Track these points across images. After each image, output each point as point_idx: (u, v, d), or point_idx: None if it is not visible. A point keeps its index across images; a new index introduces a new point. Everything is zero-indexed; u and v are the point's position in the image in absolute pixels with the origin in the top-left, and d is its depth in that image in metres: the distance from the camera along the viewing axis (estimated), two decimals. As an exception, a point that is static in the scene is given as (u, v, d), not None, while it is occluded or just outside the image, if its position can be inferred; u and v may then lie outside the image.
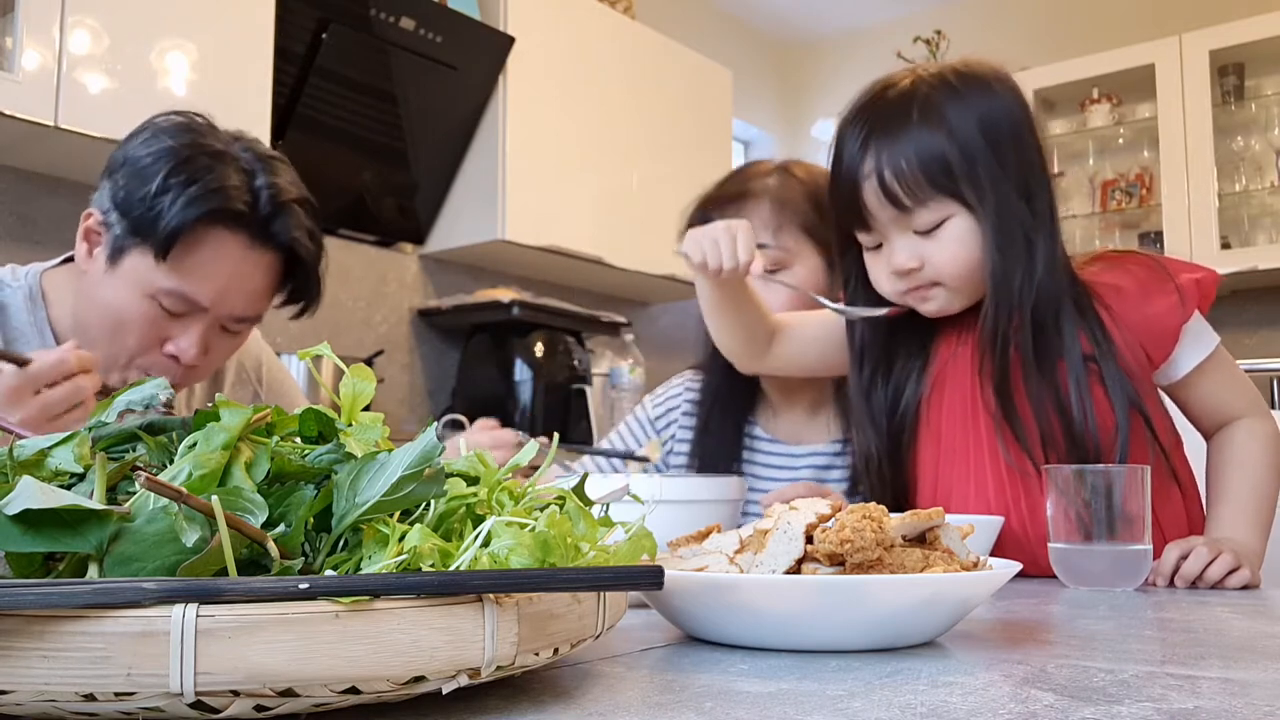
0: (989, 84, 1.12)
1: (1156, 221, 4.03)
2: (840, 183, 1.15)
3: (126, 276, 1.23)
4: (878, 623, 0.59)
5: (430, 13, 3.16)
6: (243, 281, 1.26)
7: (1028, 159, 1.11)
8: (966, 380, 1.16)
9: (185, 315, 1.25)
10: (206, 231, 1.21)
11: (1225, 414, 1.17)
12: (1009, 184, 1.09)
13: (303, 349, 0.58)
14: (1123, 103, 4.15)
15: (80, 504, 0.41)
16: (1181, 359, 1.15)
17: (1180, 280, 1.12)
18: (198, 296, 1.23)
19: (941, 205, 1.09)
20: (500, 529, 0.45)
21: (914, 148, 1.08)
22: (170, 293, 1.22)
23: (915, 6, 4.84)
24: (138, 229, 1.21)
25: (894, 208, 1.10)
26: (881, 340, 1.22)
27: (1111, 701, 0.46)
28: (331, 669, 0.38)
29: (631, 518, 0.55)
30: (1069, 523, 0.99)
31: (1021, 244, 1.10)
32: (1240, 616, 0.78)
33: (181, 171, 1.19)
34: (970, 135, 1.08)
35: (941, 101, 1.09)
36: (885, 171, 1.09)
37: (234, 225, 1.23)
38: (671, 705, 0.46)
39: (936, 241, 1.11)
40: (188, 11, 2.62)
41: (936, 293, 1.14)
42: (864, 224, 1.14)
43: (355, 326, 3.40)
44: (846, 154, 1.13)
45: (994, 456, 1.15)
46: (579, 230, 3.57)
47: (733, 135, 4.51)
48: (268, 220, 1.25)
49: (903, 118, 1.10)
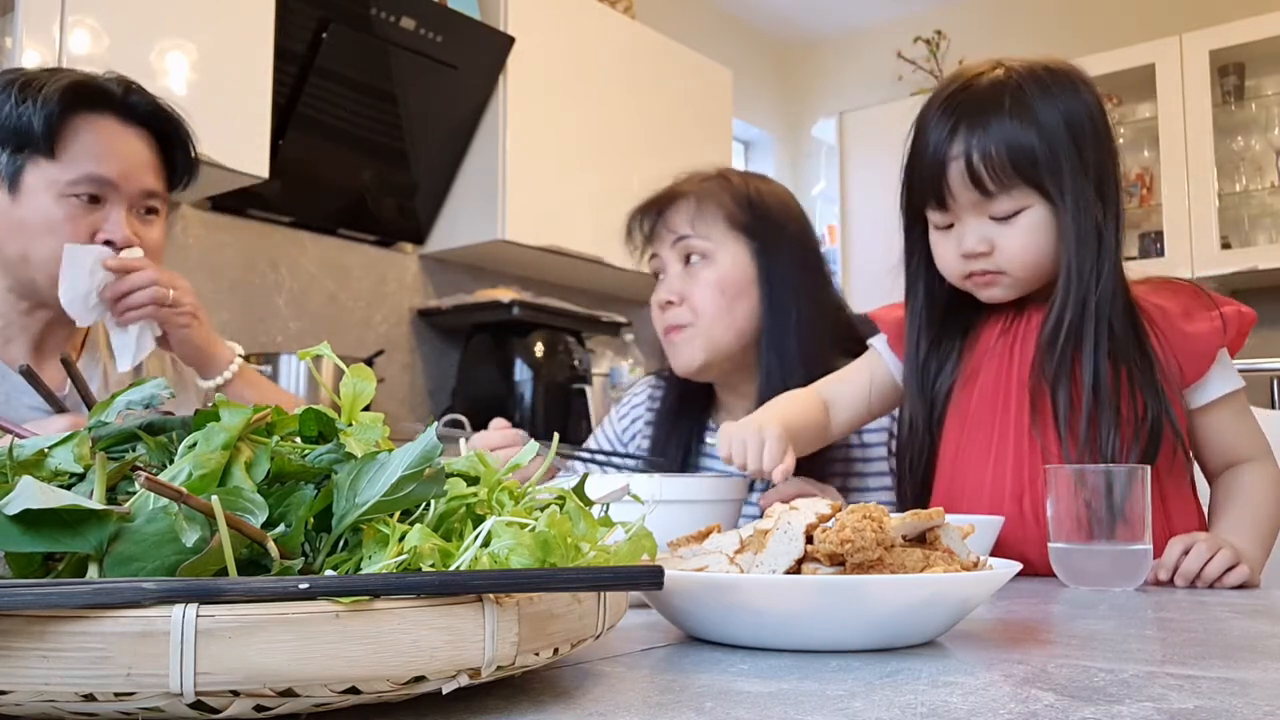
0: (1075, 84, 1.16)
1: (1156, 221, 4.03)
2: (924, 161, 1.18)
3: (34, 191, 1.30)
4: (878, 623, 0.59)
5: (430, 13, 3.16)
6: (132, 153, 1.35)
7: (1104, 160, 1.15)
8: (1004, 369, 1.19)
9: (102, 201, 1.33)
10: (78, 118, 1.31)
11: (1234, 455, 1.19)
12: (1087, 182, 1.13)
13: (303, 349, 0.58)
14: (1123, 103, 4.15)
15: (80, 504, 0.41)
16: (1211, 384, 1.17)
17: (1224, 309, 1.17)
18: (101, 171, 1.31)
19: (1023, 194, 1.13)
20: (500, 529, 0.45)
21: (1004, 135, 1.12)
22: (77, 180, 1.30)
23: (915, 6, 4.84)
24: (19, 144, 1.29)
25: (977, 191, 1.13)
26: (938, 317, 1.26)
27: (1111, 701, 0.46)
28: (331, 669, 0.37)
29: (631, 518, 0.55)
30: (1069, 522, 0.99)
31: (1094, 240, 1.13)
32: (1240, 616, 0.78)
33: (28, 84, 1.30)
34: (1057, 130, 1.12)
35: (1032, 95, 1.13)
36: (974, 155, 1.12)
37: (99, 108, 1.33)
38: (671, 705, 0.46)
39: (1011, 229, 1.14)
40: (188, 11, 2.62)
41: (1000, 280, 1.17)
42: (941, 204, 1.17)
43: (355, 326, 3.40)
44: (933, 134, 1.16)
45: (1017, 437, 1.17)
46: (579, 230, 3.57)
47: (733, 135, 4.51)
48: (124, 97, 1.35)
49: (995, 105, 1.13)
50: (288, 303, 3.24)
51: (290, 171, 3.01)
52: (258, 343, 3.13)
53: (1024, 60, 1.18)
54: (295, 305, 3.25)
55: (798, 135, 5.27)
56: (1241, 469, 1.18)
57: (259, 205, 3.10)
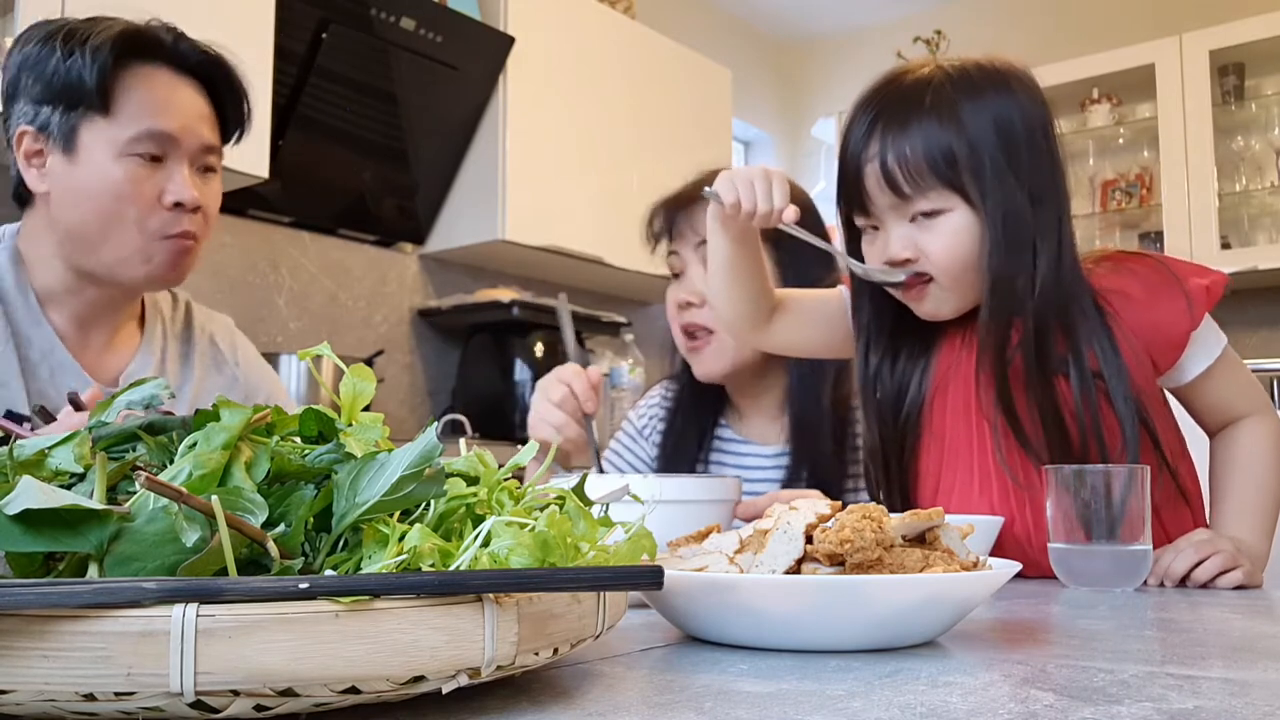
0: (1009, 82, 1.11)
1: (1156, 221, 4.03)
2: (844, 163, 1.14)
3: (91, 151, 1.24)
4: (878, 623, 0.59)
5: (430, 13, 3.16)
6: (189, 105, 1.30)
7: (1040, 163, 1.09)
8: (969, 385, 1.15)
9: (162, 160, 1.27)
10: (130, 71, 1.25)
11: (1230, 413, 1.16)
12: (1017, 185, 1.07)
13: (303, 349, 0.58)
14: (1123, 103, 4.15)
15: (80, 504, 0.41)
16: (1189, 364, 1.14)
17: (1189, 285, 1.10)
18: (163, 126, 1.25)
19: (942, 196, 1.08)
20: (500, 529, 0.45)
21: (921, 136, 1.07)
22: (137, 137, 1.24)
23: (915, 6, 4.84)
24: (71, 101, 1.23)
25: (893, 194, 1.09)
26: (888, 329, 1.20)
27: (1111, 701, 0.46)
28: (331, 669, 0.38)
29: (631, 518, 0.55)
30: (1069, 523, 0.98)
31: (1025, 248, 1.08)
32: (1240, 616, 0.78)
33: (72, 35, 1.23)
34: (982, 131, 1.07)
35: (957, 93, 1.08)
36: (889, 155, 1.08)
37: (150, 58, 1.27)
38: (671, 705, 0.46)
39: (932, 233, 1.09)
40: (187, 11, 2.60)
41: (930, 290, 1.12)
42: (863, 208, 1.13)
43: (355, 326, 3.40)
44: (853, 135, 1.12)
45: (997, 463, 1.14)
46: (579, 230, 3.57)
47: (733, 135, 4.50)
48: (175, 45, 1.30)
49: (914, 105, 1.09)
50: (288, 303, 3.24)
51: (290, 171, 3.01)
52: (258, 342, 3.11)
53: (959, 59, 1.13)
54: (295, 305, 3.25)
55: (797, 135, 5.27)
56: (1239, 429, 1.15)
57: (259, 205, 3.10)
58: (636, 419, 1.65)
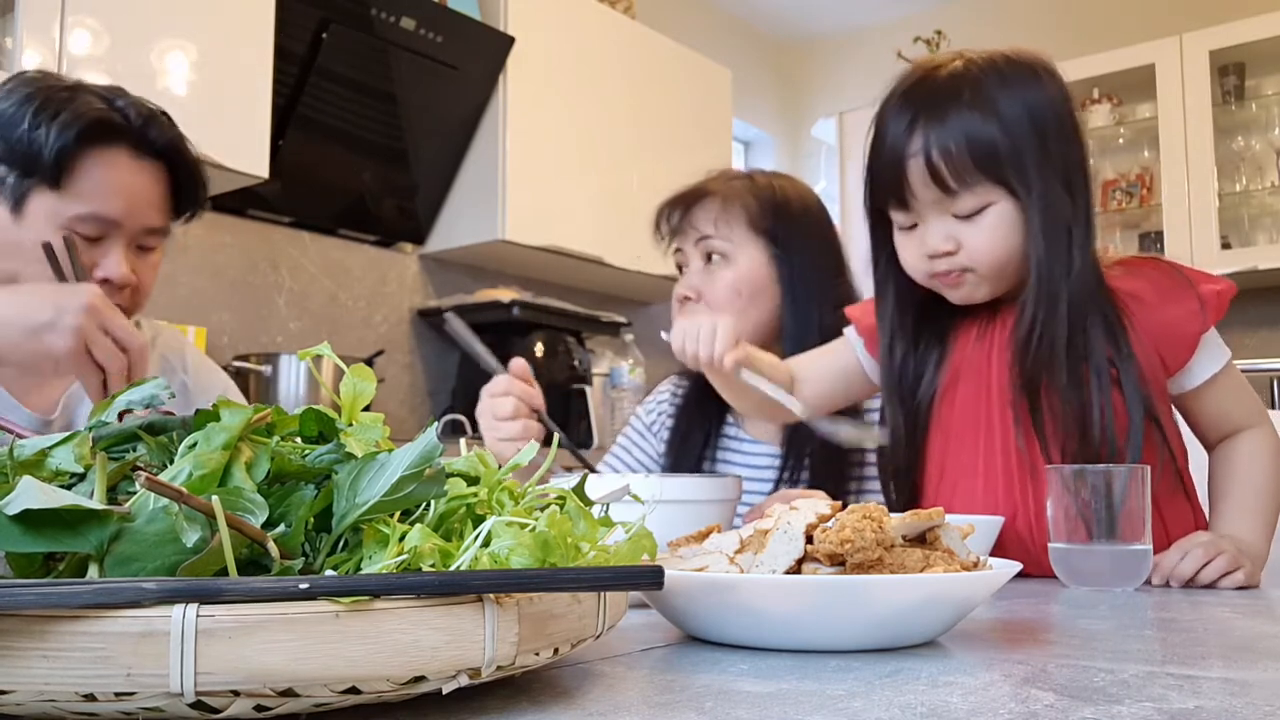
0: (1037, 73, 1.11)
1: (1157, 221, 4.03)
2: (883, 159, 1.13)
3: (35, 218, 1.26)
4: (878, 623, 0.59)
5: (430, 13, 3.16)
6: (140, 191, 1.31)
7: (1070, 152, 1.11)
8: (982, 376, 1.16)
9: (102, 239, 1.29)
10: (90, 152, 1.27)
11: (1230, 425, 1.17)
12: (1054, 175, 1.09)
13: (303, 349, 0.58)
14: (1123, 103, 4.15)
15: (80, 504, 0.41)
16: (1197, 369, 1.14)
17: (1201, 290, 1.12)
18: (107, 211, 1.27)
19: (986, 190, 1.09)
20: (500, 529, 0.45)
21: (963, 130, 1.08)
22: (81, 218, 1.26)
23: (915, 6, 4.84)
24: (27, 169, 1.25)
25: (938, 189, 1.09)
26: (910, 324, 1.22)
27: (1111, 701, 0.46)
28: (331, 669, 0.37)
29: (631, 518, 0.55)
30: (1069, 522, 0.98)
31: (1063, 236, 1.09)
32: (1240, 616, 0.78)
33: (46, 106, 1.25)
34: (1019, 123, 1.08)
35: (992, 87, 1.09)
36: (933, 151, 1.08)
37: (113, 140, 1.29)
38: (671, 705, 0.46)
39: (975, 226, 1.10)
40: (188, 11, 2.62)
41: (967, 279, 1.13)
42: (903, 203, 1.13)
43: (355, 326, 3.40)
44: (891, 131, 1.12)
45: (1004, 454, 1.14)
46: (579, 230, 3.57)
47: (733, 135, 4.50)
48: (141, 131, 1.31)
49: (953, 99, 1.09)
50: (288, 303, 3.24)
51: (290, 172, 3.01)
52: (258, 343, 3.13)
53: (986, 51, 1.14)
54: (295, 305, 3.25)
55: (797, 135, 5.27)
56: (1239, 440, 1.16)
57: (259, 205, 3.10)
58: (645, 415, 1.66)
